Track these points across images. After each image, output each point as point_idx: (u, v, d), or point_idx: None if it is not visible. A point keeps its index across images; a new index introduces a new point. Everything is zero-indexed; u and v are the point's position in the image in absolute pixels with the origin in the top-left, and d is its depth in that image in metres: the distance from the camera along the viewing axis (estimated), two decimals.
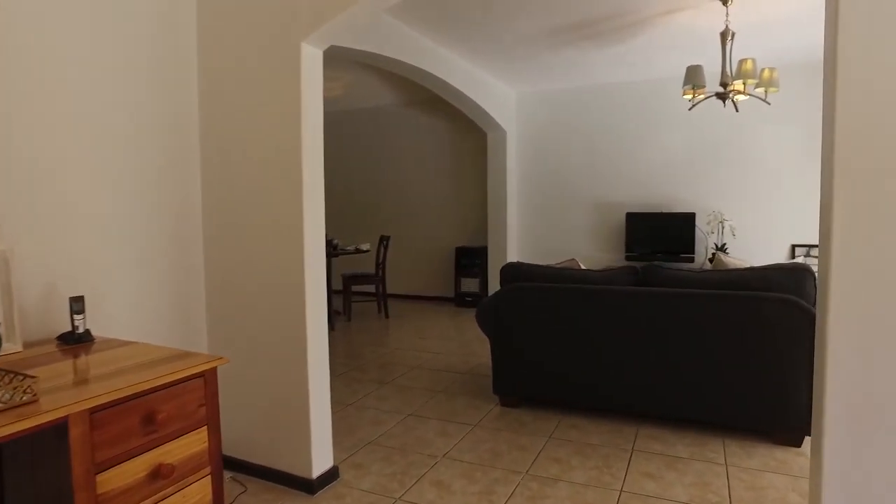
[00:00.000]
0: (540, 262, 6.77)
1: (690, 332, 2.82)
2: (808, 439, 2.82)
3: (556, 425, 3.04)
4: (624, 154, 6.38)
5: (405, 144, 7.56)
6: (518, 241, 6.94)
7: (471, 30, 4.49)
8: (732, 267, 3.14)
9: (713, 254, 5.79)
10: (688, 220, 5.98)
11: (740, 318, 2.74)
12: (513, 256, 6.87)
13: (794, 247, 5.79)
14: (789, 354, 2.69)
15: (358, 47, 3.63)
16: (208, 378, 1.54)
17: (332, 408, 2.56)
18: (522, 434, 2.95)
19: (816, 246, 5.89)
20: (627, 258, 6.20)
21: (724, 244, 5.75)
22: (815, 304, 2.81)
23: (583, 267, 3.40)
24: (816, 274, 1.72)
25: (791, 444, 2.79)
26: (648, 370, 2.92)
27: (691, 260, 5.98)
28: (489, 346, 4.39)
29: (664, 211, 6.18)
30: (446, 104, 6.79)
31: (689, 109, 4.14)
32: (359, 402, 3.45)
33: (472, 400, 3.47)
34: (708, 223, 5.92)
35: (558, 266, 3.41)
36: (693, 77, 3.62)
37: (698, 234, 6.01)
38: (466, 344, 4.96)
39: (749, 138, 5.85)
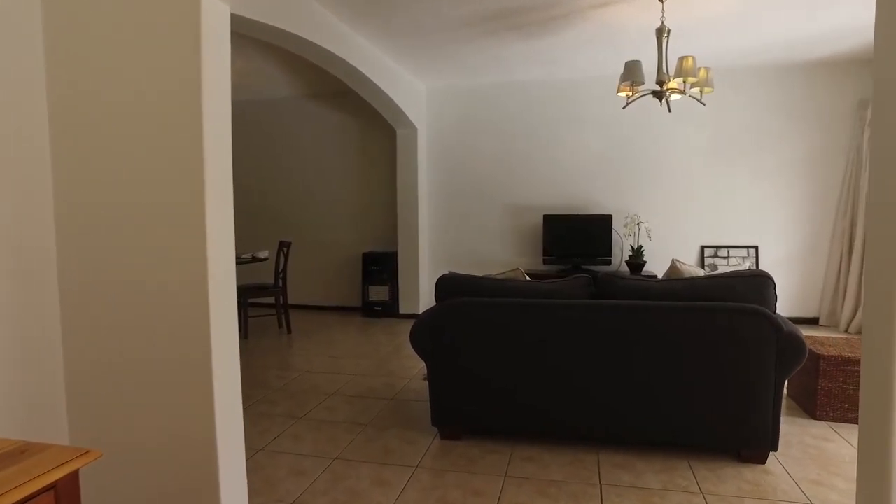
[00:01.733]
0: (455, 268, 6.42)
1: (656, 348, 2.56)
2: (772, 455, 2.66)
3: (510, 459, 2.66)
4: (540, 155, 6.19)
5: (307, 141, 6.88)
6: (430, 245, 6.54)
7: (390, 12, 4.01)
8: (689, 275, 2.94)
9: (629, 255, 5.75)
10: (605, 222, 5.91)
11: (708, 330, 2.51)
12: (424, 262, 6.46)
13: (703, 248, 5.90)
14: (756, 368, 2.51)
15: (265, 20, 3.02)
16: (64, 490, 0.95)
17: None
18: (474, 473, 2.52)
19: (725, 247, 6.10)
20: (545, 262, 6.02)
21: (641, 246, 5.72)
22: (774, 312, 2.69)
23: (527, 278, 3.06)
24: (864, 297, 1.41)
25: (756, 462, 2.61)
26: (610, 391, 2.62)
27: (608, 263, 5.91)
28: (423, 369, 3.96)
29: (581, 213, 6.07)
30: (352, 98, 6.24)
31: (624, 108, 3.96)
32: (272, 445, 2.85)
33: (406, 433, 2.99)
34: (625, 225, 5.88)
35: (501, 277, 3.03)
36: (632, 73, 3.41)
37: (615, 236, 5.95)
38: (385, 362, 4.46)
39: (661, 140, 5.89)
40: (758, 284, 2.60)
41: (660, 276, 5.74)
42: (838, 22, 4.33)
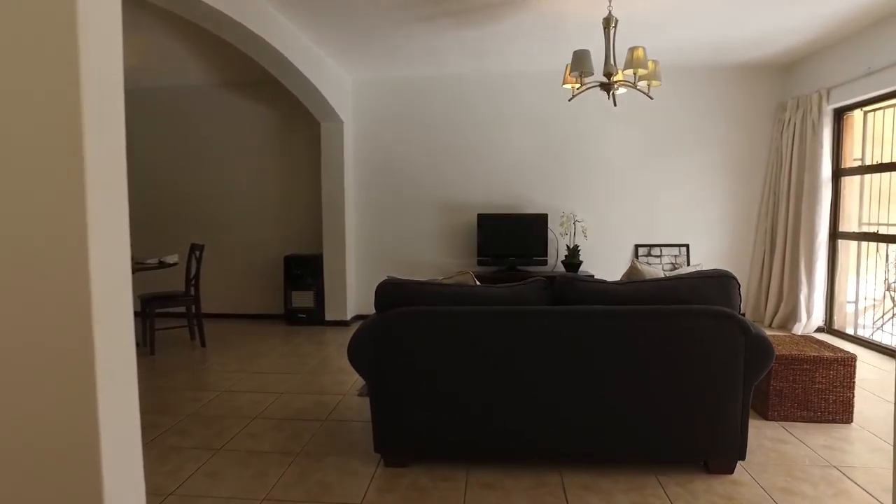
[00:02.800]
0: (386, 271, 6.07)
1: (625, 356, 2.35)
2: (740, 464, 2.54)
3: (466, 487, 2.36)
4: (473, 152, 5.97)
5: (223, 134, 6.28)
6: (358, 247, 6.15)
7: None
8: (650, 276, 2.77)
9: (565, 255, 5.64)
10: (540, 221, 5.77)
11: (679, 335, 2.34)
12: (352, 265, 6.07)
13: (637, 247, 5.90)
14: (725, 374, 2.36)
15: None
16: None
17: None
18: None
19: (657, 246, 6.14)
20: (479, 262, 5.80)
21: (577, 246, 5.63)
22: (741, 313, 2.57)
23: (478, 283, 2.78)
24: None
25: (724, 472, 2.47)
26: (576, 405, 2.39)
27: (544, 263, 5.78)
28: (359, 383, 3.55)
29: (516, 212, 5.90)
30: (273, 88, 5.75)
31: (570, 100, 3.77)
32: (184, 487, 2.39)
33: (345, 462, 2.62)
34: (561, 224, 5.76)
35: (449, 282, 2.74)
36: (581, 63, 3.23)
37: (550, 235, 5.83)
38: (314, 376, 4.05)
39: (596, 138, 5.83)
40: (723, 285, 2.46)
41: (596, 276, 5.67)
42: (760, 28, 4.39)
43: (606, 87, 3.42)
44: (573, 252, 5.64)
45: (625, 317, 2.34)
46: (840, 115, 5.01)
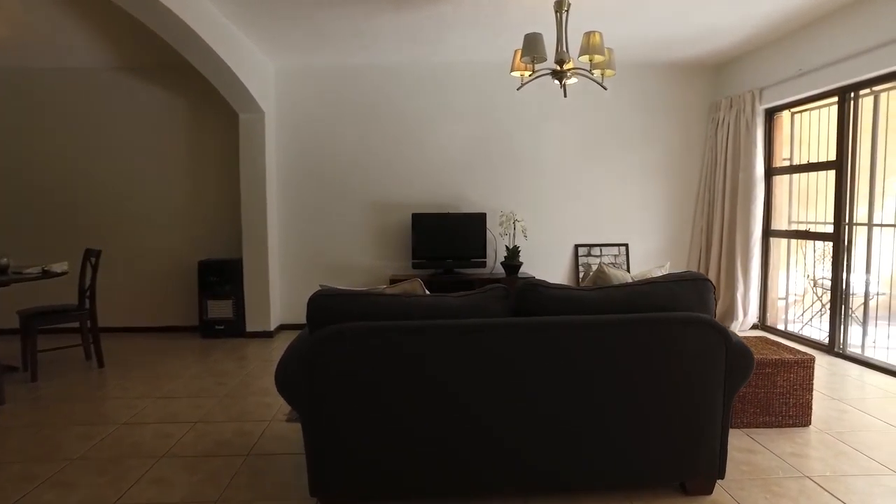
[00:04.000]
0: (314, 276, 5.59)
1: (600, 373, 2.08)
2: (719, 483, 2.34)
3: None
4: (408, 147, 5.61)
5: (123, 124, 5.55)
6: (282, 250, 5.63)
7: None
8: (618, 281, 2.53)
9: (505, 256, 5.40)
10: (478, 220, 5.50)
11: (658, 347, 2.09)
12: (275, 269, 5.55)
13: (577, 247, 5.76)
14: (706, 387, 2.15)
15: None
16: None
17: None
18: None
19: (597, 245, 6.03)
20: (415, 265, 5.45)
21: (517, 247, 5.40)
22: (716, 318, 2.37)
23: (426, 291, 2.43)
24: None
25: (703, 493, 2.26)
26: (541, 430, 2.09)
27: (483, 265, 5.51)
28: (290, 409, 3.07)
29: (454, 211, 5.60)
30: (183, 73, 5.16)
31: (519, 89, 3.50)
32: None
33: None
34: (500, 224, 5.51)
35: (394, 291, 2.37)
36: (533, 47, 2.95)
37: (489, 235, 5.57)
38: (234, 399, 3.55)
39: (536, 134, 5.63)
40: (699, 289, 2.25)
41: (537, 276, 5.47)
42: (703, 24, 4.33)
43: (558, 75, 3.17)
44: (513, 253, 5.41)
45: (601, 328, 2.07)
46: (771, 115, 5.07)
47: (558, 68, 3.16)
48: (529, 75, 3.21)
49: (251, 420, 3.16)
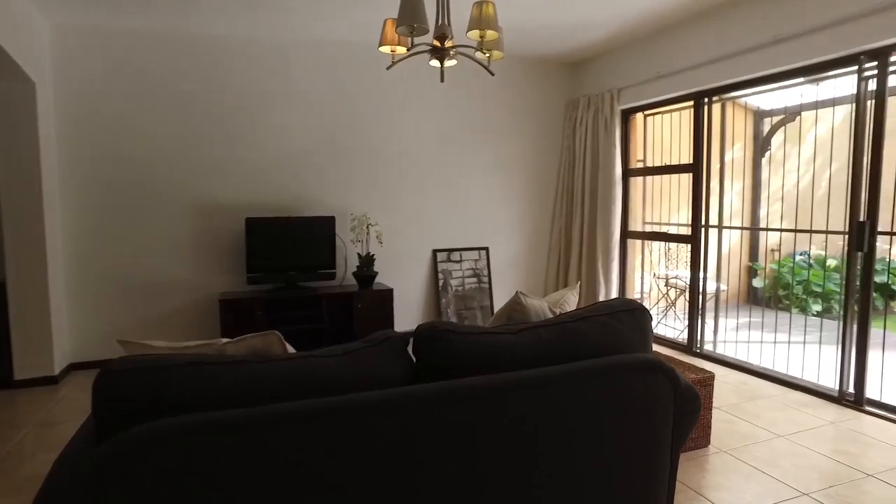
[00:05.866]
0: (112, 302, 4.39)
1: (541, 441, 1.55)
2: None
3: None
4: (240, 138, 4.64)
5: None
6: (70, 266, 4.33)
7: None
8: (536, 314, 2.02)
9: (357, 265, 4.73)
10: (326, 225, 4.75)
11: (607, 402, 1.62)
12: (60, 292, 4.25)
13: (435, 252, 5.28)
14: (654, 441, 1.74)
15: None
16: None
17: None
18: None
19: (457, 250, 5.60)
20: (251, 280, 4.53)
21: (372, 254, 4.77)
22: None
23: (288, 348, 1.69)
24: None
25: None
26: None
27: (332, 276, 4.78)
28: None
29: (297, 215, 4.78)
30: None
31: (389, 68, 2.85)
32: None
33: None
34: (352, 229, 4.81)
35: (238, 353, 1.60)
36: (412, 13, 2.32)
37: (338, 242, 4.85)
38: (3, 477, 2.44)
39: (390, 127, 5.02)
40: (637, 320, 1.84)
41: (395, 289, 4.90)
42: (576, 17, 4.08)
43: (438, 53, 2.60)
44: (367, 261, 4.76)
45: (544, 387, 1.53)
46: (627, 116, 5.06)
47: (438, 45, 2.58)
48: (408, 51, 2.58)
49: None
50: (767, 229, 4.42)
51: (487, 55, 2.65)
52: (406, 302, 5.14)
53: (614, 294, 5.07)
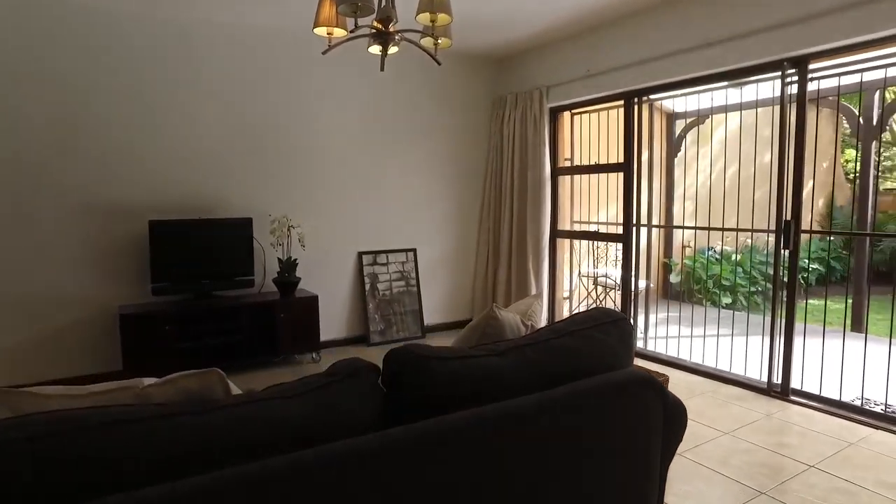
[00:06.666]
0: (3, 316, 3.73)
1: (537, 476, 1.36)
2: None
3: None
4: (140, 130, 4.10)
5: None
6: None
7: None
8: (511, 328, 1.83)
9: (278, 271, 4.35)
10: (242, 228, 4.32)
11: (601, 425, 1.46)
12: None
13: (360, 254, 4.99)
14: (645, 462, 1.61)
15: None
16: None
17: None
18: None
19: (384, 252, 5.30)
20: (155, 290, 4.02)
21: (294, 259, 4.40)
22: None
23: (232, 388, 1.38)
24: None
25: None
26: None
27: (251, 284, 4.37)
28: None
29: (208, 216, 4.31)
30: None
31: (325, 53, 2.55)
32: None
33: None
34: (271, 232, 4.40)
35: (167, 398, 1.27)
36: None
37: (256, 246, 4.43)
38: None
39: (312, 121, 4.66)
40: (620, 331, 1.71)
41: (320, 295, 4.56)
42: (506, 9, 3.95)
43: (382, 38, 2.35)
44: (289, 266, 4.40)
45: (535, 419, 1.34)
46: (555, 114, 5.02)
47: (381, 28, 2.33)
48: (350, 32, 2.30)
49: None
50: (710, 228, 4.55)
51: (436, 43, 2.43)
52: (331, 309, 4.81)
53: (545, 295, 5.03)
